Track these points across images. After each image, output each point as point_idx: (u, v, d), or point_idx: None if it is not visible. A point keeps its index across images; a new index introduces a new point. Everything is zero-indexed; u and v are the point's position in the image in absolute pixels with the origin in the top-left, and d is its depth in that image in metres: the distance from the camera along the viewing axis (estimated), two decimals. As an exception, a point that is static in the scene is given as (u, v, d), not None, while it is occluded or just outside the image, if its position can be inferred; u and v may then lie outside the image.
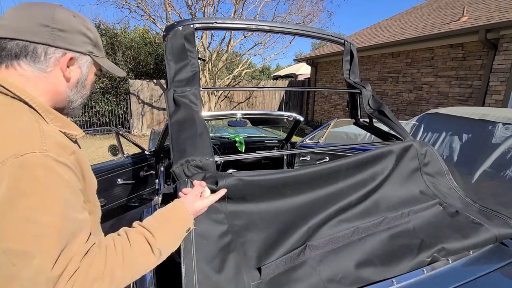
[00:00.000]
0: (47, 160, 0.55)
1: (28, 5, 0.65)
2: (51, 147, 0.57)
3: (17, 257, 0.50)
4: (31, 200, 0.51)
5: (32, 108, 0.62)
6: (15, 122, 0.57)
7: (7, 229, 0.50)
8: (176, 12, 8.47)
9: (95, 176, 0.75)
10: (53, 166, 0.55)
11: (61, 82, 0.69)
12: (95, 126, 9.17)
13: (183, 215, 0.73)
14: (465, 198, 1.21)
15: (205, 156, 0.96)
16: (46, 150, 0.55)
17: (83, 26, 0.70)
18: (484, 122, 2.75)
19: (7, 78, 0.62)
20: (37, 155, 0.54)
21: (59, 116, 0.67)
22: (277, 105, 11.80)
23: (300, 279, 0.76)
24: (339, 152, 2.52)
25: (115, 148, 2.42)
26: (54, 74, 0.67)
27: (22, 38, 0.62)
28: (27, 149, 0.53)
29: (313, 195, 1.01)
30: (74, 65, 0.71)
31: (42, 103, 0.64)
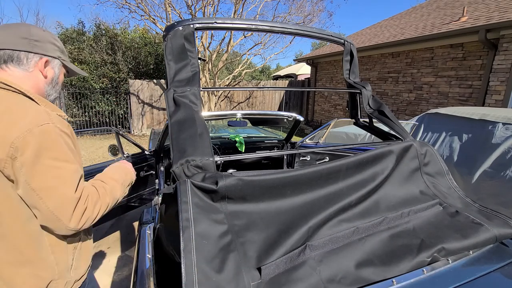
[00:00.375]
0: (56, 129, 0.81)
1: (8, 25, 0.90)
2: (56, 121, 0.83)
3: (43, 191, 0.77)
4: (52, 153, 0.79)
5: (29, 97, 0.84)
6: (28, 106, 0.82)
7: (36, 172, 0.76)
8: (176, 12, 8.48)
9: (95, 177, 1.03)
10: (61, 133, 0.83)
11: (40, 79, 0.92)
12: (95, 126, 9.17)
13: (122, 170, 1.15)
14: (465, 198, 1.21)
15: (205, 156, 0.96)
16: (55, 123, 0.82)
17: (52, 38, 0.96)
18: (484, 122, 2.75)
19: (4, 78, 0.84)
20: (51, 125, 0.80)
21: (49, 103, 0.90)
22: (277, 105, 11.80)
23: (300, 279, 0.76)
24: (339, 152, 2.52)
25: (115, 148, 2.42)
26: (34, 73, 0.91)
27: (9, 48, 0.85)
28: (44, 121, 0.79)
29: (313, 195, 1.01)
30: (48, 66, 0.94)
31: (34, 94, 0.87)
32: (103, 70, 9.18)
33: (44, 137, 0.77)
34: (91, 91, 8.83)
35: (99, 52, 9.14)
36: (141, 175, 2.48)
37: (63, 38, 10.16)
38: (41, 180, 0.76)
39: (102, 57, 9.16)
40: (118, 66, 9.31)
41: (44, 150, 0.77)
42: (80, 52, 9.26)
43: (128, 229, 3.22)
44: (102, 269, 2.50)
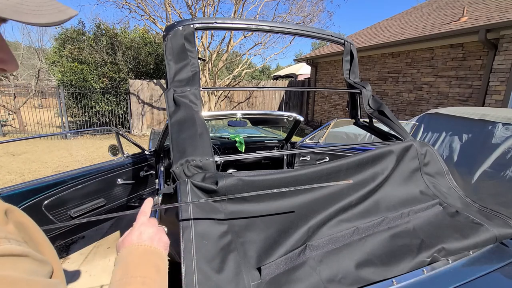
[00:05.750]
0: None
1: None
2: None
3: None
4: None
5: None
6: None
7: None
8: (176, 12, 8.48)
9: (95, 176, 0.66)
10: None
11: None
12: (95, 126, 9.17)
13: (159, 258, 0.60)
14: (465, 198, 1.21)
15: (205, 156, 0.96)
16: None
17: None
18: (484, 122, 2.75)
19: None
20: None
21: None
22: (277, 105, 11.80)
23: (300, 279, 0.76)
24: (339, 152, 2.52)
25: (115, 148, 2.42)
26: None
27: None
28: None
29: (313, 195, 1.01)
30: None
31: None
32: (103, 70, 9.18)
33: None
34: (91, 91, 8.82)
35: (99, 52, 9.14)
36: (141, 175, 2.48)
37: (63, 38, 10.17)
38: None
39: (102, 57, 9.16)
40: (118, 66, 9.31)
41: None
42: (80, 52, 9.25)
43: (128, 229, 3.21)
44: (102, 269, 2.50)
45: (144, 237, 0.61)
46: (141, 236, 0.61)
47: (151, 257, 0.57)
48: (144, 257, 0.56)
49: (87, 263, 2.59)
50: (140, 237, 0.61)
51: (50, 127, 9.20)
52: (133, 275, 0.51)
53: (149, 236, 0.61)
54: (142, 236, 0.61)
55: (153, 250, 0.58)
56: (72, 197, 1.97)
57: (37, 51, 12.28)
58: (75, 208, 1.99)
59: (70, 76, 8.69)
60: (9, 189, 1.67)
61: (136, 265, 0.54)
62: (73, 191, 1.96)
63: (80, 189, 2.00)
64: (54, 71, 11.43)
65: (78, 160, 6.15)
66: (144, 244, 0.58)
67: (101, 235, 3.03)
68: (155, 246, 0.59)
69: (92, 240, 2.95)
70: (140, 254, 0.57)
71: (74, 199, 1.99)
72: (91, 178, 2.07)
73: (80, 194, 2.02)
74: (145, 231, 0.62)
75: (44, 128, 9.19)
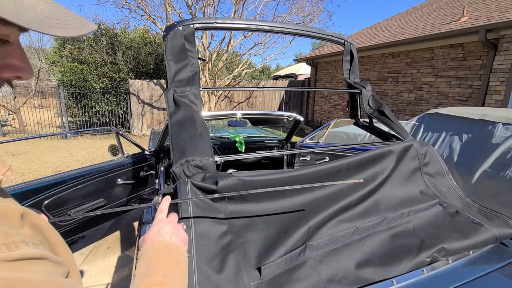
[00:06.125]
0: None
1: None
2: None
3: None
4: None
5: None
6: None
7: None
8: (176, 12, 8.48)
9: (95, 176, 0.67)
10: (11, 275, 0.31)
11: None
12: (95, 126, 9.17)
13: (178, 252, 0.62)
14: (465, 198, 1.21)
15: (205, 156, 0.96)
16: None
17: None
18: (484, 122, 2.75)
19: None
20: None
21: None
22: (277, 105, 11.80)
23: (300, 279, 0.76)
24: (339, 152, 2.52)
25: (115, 148, 2.42)
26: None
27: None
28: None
29: (313, 195, 1.01)
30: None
31: None
32: (103, 70, 9.18)
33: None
34: (91, 91, 8.83)
35: (99, 52, 9.14)
36: (141, 175, 2.48)
37: (63, 38, 10.16)
38: None
39: (102, 57, 9.16)
40: (118, 66, 9.31)
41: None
42: (80, 52, 9.26)
43: (128, 229, 3.22)
44: (102, 269, 2.50)
45: (162, 233, 0.63)
46: (160, 232, 0.63)
47: (171, 253, 0.60)
48: (165, 253, 0.59)
49: (87, 263, 2.59)
50: (158, 233, 0.63)
51: (50, 127, 9.20)
52: (155, 269, 0.54)
53: (168, 232, 0.64)
54: (161, 232, 0.63)
55: (173, 245, 0.61)
56: (72, 197, 1.97)
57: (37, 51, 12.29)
58: (75, 208, 1.99)
59: (70, 76, 8.69)
60: (9, 189, 1.67)
61: (157, 260, 0.57)
62: (73, 191, 1.96)
63: (80, 189, 2.00)
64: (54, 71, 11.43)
65: (78, 160, 6.15)
66: (165, 240, 0.61)
67: (101, 235, 3.03)
68: (174, 241, 0.62)
69: (92, 240, 2.95)
70: (161, 249, 0.60)
71: (74, 199, 1.99)
72: (91, 178, 2.07)
73: (80, 194, 2.02)
74: (163, 228, 0.65)
75: (44, 128, 9.19)
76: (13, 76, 0.43)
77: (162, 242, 0.61)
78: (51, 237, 0.46)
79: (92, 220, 2.17)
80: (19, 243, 0.34)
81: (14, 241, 0.33)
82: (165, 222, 0.67)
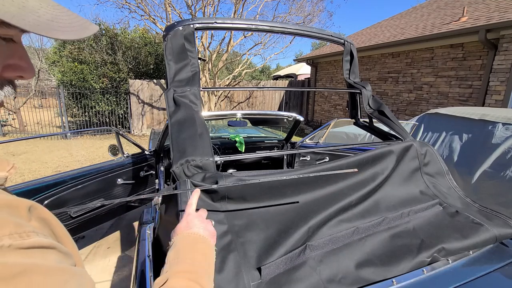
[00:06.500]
0: (6, 262, 0.30)
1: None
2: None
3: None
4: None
5: None
6: None
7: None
8: (176, 12, 8.48)
9: (95, 176, 0.70)
10: (25, 261, 0.31)
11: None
12: (95, 126, 9.17)
13: (205, 244, 0.65)
14: (465, 198, 1.21)
15: (205, 156, 0.96)
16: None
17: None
18: (484, 122, 2.75)
19: None
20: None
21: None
22: (277, 105, 11.80)
23: (300, 279, 0.76)
24: (339, 152, 2.52)
25: (115, 148, 2.42)
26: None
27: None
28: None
29: (313, 195, 1.01)
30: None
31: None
32: (103, 70, 9.18)
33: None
34: (91, 91, 8.83)
35: (99, 52, 9.14)
36: (141, 175, 2.48)
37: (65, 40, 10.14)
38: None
39: (102, 57, 9.16)
40: (118, 66, 9.31)
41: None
42: (80, 52, 9.26)
43: (128, 229, 3.22)
44: (102, 269, 2.50)
45: (191, 225, 0.67)
46: (189, 225, 0.67)
47: (199, 245, 0.63)
48: (193, 244, 0.63)
49: (87, 263, 2.59)
50: (187, 226, 0.67)
51: (50, 127, 9.20)
52: (184, 258, 0.59)
53: (196, 225, 0.67)
54: (189, 225, 0.67)
55: (201, 238, 0.65)
56: (72, 197, 1.97)
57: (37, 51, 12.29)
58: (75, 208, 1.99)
59: (70, 76, 8.69)
60: (9, 189, 1.67)
61: (185, 250, 0.61)
62: (73, 191, 1.96)
63: (80, 189, 2.00)
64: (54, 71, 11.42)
65: (78, 160, 6.15)
66: (193, 232, 0.65)
67: (101, 235, 3.03)
68: (202, 234, 0.65)
69: (92, 240, 2.95)
70: (190, 241, 0.64)
71: (74, 199, 1.99)
72: (91, 178, 2.07)
73: (80, 194, 2.02)
74: (192, 221, 0.69)
75: (44, 128, 9.19)
76: (16, 76, 0.43)
77: (191, 234, 0.65)
78: (58, 231, 0.46)
79: (92, 220, 2.17)
80: (30, 232, 0.35)
81: (25, 230, 0.34)
82: (193, 216, 0.70)
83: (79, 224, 2.07)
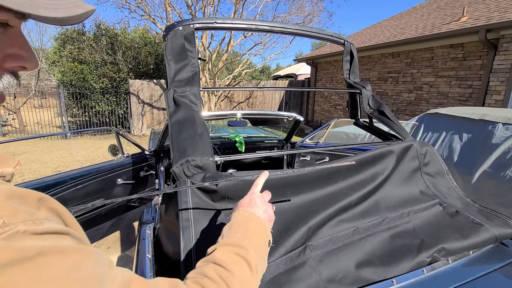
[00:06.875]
0: (22, 246, 0.30)
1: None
2: (5, 210, 0.32)
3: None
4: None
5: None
6: None
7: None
8: (176, 12, 8.48)
9: (95, 176, 0.69)
10: (41, 244, 0.32)
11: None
12: (95, 126, 9.17)
13: (259, 224, 0.63)
14: (465, 198, 1.21)
15: (205, 156, 0.96)
16: (6, 224, 0.31)
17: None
18: (484, 122, 2.75)
19: None
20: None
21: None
22: (277, 105, 11.80)
23: (300, 279, 0.76)
24: (339, 152, 2.52)
25: (115, 148, 2.42)
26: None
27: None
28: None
29: (313, 195, 1.01)
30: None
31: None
32: (103, 70, 9.18)
33: None
34: (91, 91, 8.83)
35: (99, 52, 9.14)
36: (141, 175, 2.48)
37: (63, 38, 10.17)
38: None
39: (102, 57, 9.16)
40: (118, 66, 9.31)
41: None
42: (80, 52, 9.26)
43: (128, 229, 3.22)
44: (102, 269, 2.50)
45: (252, 203, 0.66)
46: (250, 203, 0.66)
47: (252, 224, 0.62)
48: (246, 222, 0.62)
49: (87, 263, 2.58)
50: (249, 203, 0.66)
51: (50, 127, 9.20)
52: (235, 231, 0.58)
53: (256, 204, 0.67)
54: (251, 203, 0.67)
55: (256, 218, 0.63)
56: (72, 197, 1.97)
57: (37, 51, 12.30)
58: (75, 208, 1.99)
59: (70, 76, 8.69)
60: None
61: (239, 225, 0.60)
62: (73, 191, 1.96)
63: (80, 189, 2.00)
64: (54, 71, 11.43)
65: (78, 160, 6.15)
66: (249, 211, 0.64)
67: (101, 235, 3.03)
68: (257, 214, 0.64)
69: (92, 240, 2.95)
70: (244, 218, 0.63)
71: (74, 199, 1.99)
72: (91, 178, 2.07)
73: (80, 194, 2.02)
74: (254, 200, 0.68)
75: (44, 128, 9.19)
76: (17, 66, 0.42)
77: (247, 212, 0.64)
78: (69, 222, 0.46)
79: (92, 220, 2.17)
80: (43, 219, 0.35)
81: (37, 218, 0.35)
82: (257, 195, 0.69)
83: (79, 224, 2.07)
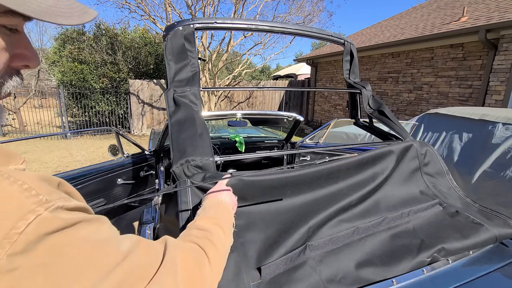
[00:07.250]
0: (63, 217, 0.35)
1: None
2: (43, 190, 0.35)
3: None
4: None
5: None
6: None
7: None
8: (176, 12, 8.48)
9: (95, 176, 0.78)
10: (76, 215, 0.38)
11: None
12: (95, 126, 9.17)
13: (226, 207, 0.76)
14: (465, 198, 1.21)
15: (205, 156, 0.96)
16: (48, 201, 0.34)
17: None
18: (484, 122, 2.75)
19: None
20: (45, 218, 0.33)
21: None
22: (277, 105, 11.80)
23: (300, 279, 0.76)
24: (339, 152, 2.52)
25: (115, 148, 2.42)
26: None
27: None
28: (18, 216, 0.31)
29: (313, 195, 1.01)
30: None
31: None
32: (103, 70, 9.18)
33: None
34: (91, 91, 8.83)
35: (99, 52, 9.14)
36: (141, 175, 2.48)
37: (63, 38, 10.17)
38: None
39: (102, 57, 9.16)
40: (118, 66, 9.31)
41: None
42: (80, 52, 9.26)
43: (128, 229, 3.21)
44: (102, 269, 2.50)
45: (220, 192, 0.79)
46: (219, 192, 0.79)
47: (221, 207, 0.75)
48: (217, 206, 0.74)
49: (87, 263, 2.58)
50: (218, 192, 0.79)
51: (50, 127, 9.20)
52: (208, 211, 0.71)
53: (222, 192, 0.79)
54: (218, 192, 0.79)
55: (223, 203, 0.76)
56: None
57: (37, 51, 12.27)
58: None
59: (70, 76, 8.69)
60: None
61: (210, 207, 0.74)
62: None
63: (80, 189, 2.00)
64: (54, 71, 11.43)
65: (78, 160, 6.15)
66: (218, 198, 0.77)
67: (101, 235, 3.02)
68: (224, 200, 0.77)
69: None
70: (214, 203, 0.75)
71: None
72: (91, 178, 2.07)
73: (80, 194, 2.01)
74: (220, 189, 0.81)
75: (44, 128, 9.19)
76: (22, 65, 0.44)
77: (216, 197, 0.77)
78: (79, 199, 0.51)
79: None
80: (66, 198, 0.39)
81: (64, 197, 0.39)
82: (222, 185, 0.82)
83: None
